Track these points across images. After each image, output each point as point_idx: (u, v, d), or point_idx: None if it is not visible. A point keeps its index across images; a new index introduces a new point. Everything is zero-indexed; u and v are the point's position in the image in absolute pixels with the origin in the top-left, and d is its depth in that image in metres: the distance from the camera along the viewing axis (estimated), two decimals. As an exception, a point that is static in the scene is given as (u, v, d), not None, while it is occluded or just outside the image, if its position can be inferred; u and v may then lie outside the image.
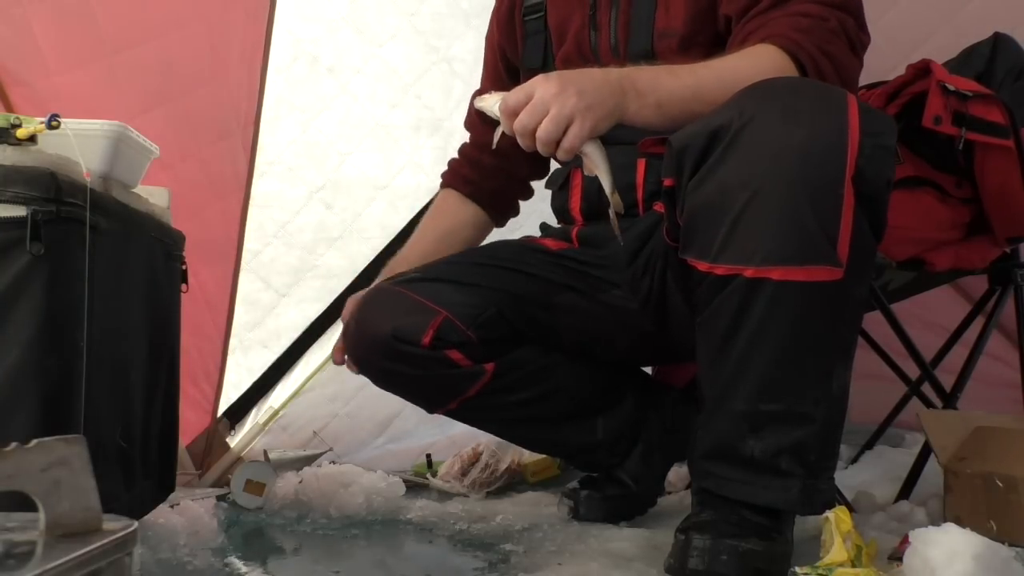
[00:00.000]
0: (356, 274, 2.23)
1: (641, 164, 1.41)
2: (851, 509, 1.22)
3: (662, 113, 1.15)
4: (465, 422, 1.65)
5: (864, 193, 1.09)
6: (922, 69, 1.54)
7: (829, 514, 1.10)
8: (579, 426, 1.58)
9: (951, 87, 1.45)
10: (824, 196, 1.06)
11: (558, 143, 1.10)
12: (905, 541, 1.10)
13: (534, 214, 1.78)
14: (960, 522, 1.11)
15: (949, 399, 1.61)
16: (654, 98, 1.14)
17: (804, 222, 1.05)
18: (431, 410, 1.58)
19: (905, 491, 1.56)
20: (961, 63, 1.65)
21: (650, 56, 1.37)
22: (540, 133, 1.09)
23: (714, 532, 1.11)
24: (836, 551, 1.07)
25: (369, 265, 2.23)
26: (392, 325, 1.42)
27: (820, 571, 1.05)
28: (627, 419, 1.60)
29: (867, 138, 1.07)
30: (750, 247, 1.07)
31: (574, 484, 1.70)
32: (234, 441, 2.08)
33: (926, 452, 1.54)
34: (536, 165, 1.68)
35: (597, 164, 1.14)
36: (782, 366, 1.11)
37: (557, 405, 1.54)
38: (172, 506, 1.59)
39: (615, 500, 1.61)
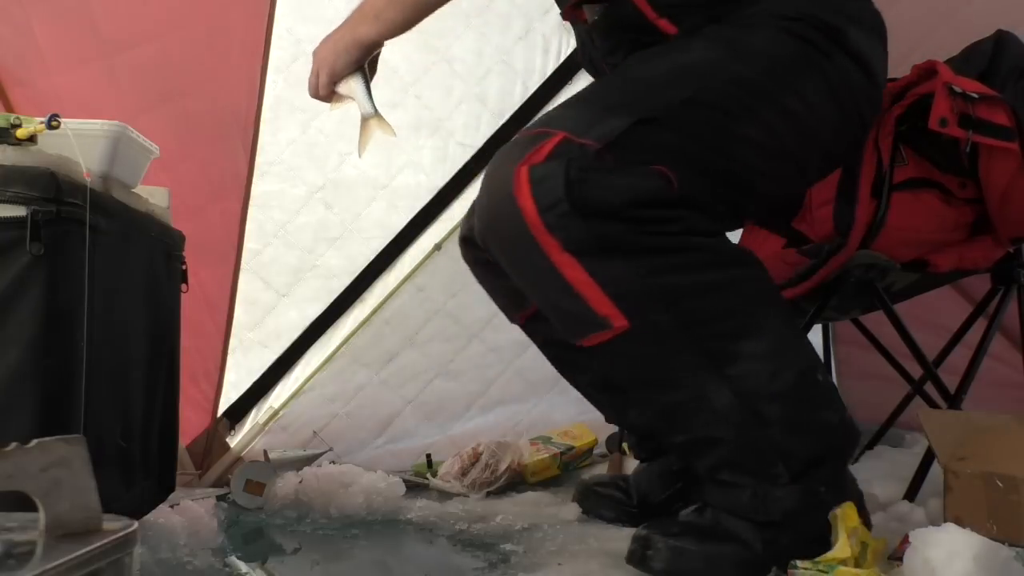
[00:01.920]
0: (356, 274, 2.23)
1: None
2: (862, 507, 1.20)
3: (383, 19, 1.29)
4: None
5: (579, 248, 1.08)
6: (928, 70, 1.54)
7: (836, 510, 1.11)
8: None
9: (957, 89, 1.45)
10: (547, 278, 1.10)
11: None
12: (905, 541, 1.10)
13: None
14: (960, 522, 1.11)
15: (953, 400, 1.61)
16: (372, 13, 1.30)
17: (559, 306, 1.14)
18: None
19: (911, 492, 1.56)
20: (963, 61, 1.64)
21: None
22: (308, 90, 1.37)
23: (661, 531, 1.19)
24: (840, 547, 1.07)
25: (369, 265, 2.23)
26: None
27: (820, 567, 1.05)
28: None
29: (540, 203, 1.07)
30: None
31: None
32: (234, 441, 2.08)
33: (930, 452, 1.54)
34: None
35: (354, 96, 1.31)
36: (654, 408, 1.21)
37: None
38: (172, 506, 1.59)
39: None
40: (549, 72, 2.29)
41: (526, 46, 2.25)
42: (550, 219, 1.06)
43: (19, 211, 1.09)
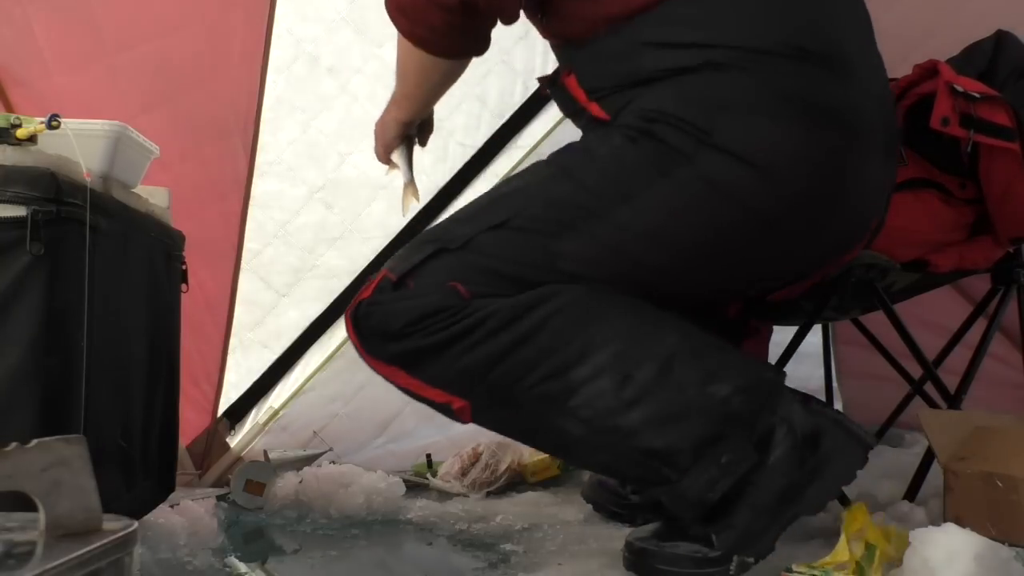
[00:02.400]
0: (356, 274, 2.23)
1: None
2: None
3: (408, 97, 1.43)
4: None
5: (398, 361, 1.19)
6: (929, 70, 1.54)
7: (843, 512, 1.11)
8: None
9: (959, 88, 1.45)
10: (395, 386, 1.23)
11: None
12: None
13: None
14: (960, 522, 1.11)
15: (954, 401, 1.61)
16: (399, 95, 1.44)
17: (421, 401, 1.24)
18: None
19: (911, 492, 1.56)
20: (963, 61, 1.64)
21: None
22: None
23: (637, 535, 1.26)
24: (839, 550, 1.07)
25: (369, 265, 2.23)
26: None
27: (815, 571, 1.05)
28: None
29: (358, 334, 1.22)
30: None
31: None
32: (234, 441, 2.08)
33: (930, 452, 1.54)
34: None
35: (399, 165, 1.51)
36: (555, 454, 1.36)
37: None
38: (172, 506, 1.59)
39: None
40: (548, 73, 2.29)
41: (526, 47, 2.25)
42: (366, 346, 1.21)
43: (19, 211, 1.09)
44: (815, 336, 2.15)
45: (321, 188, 2.20)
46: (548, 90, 1.40)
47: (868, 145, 1.21)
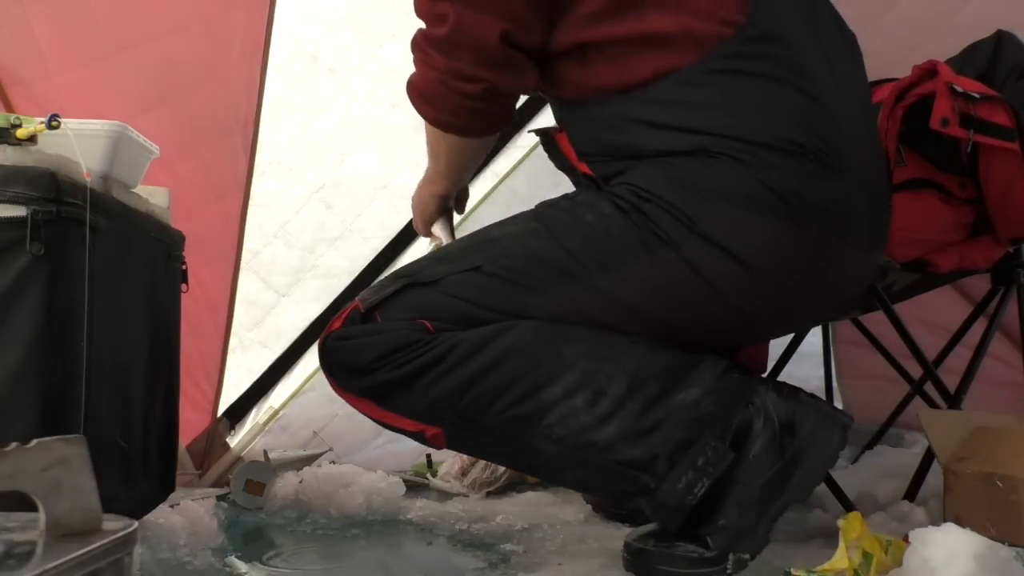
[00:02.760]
0: (356, 274, 2.23)
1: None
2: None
3: (443, 175, 1.44)
4: None
5: (367, 394, 1.21)
6: (929, 70, 1.54)
7: (840, 520, 1.11)
8: None
9: (959, 89, 1.45)
10: (368, 418, 1.25)
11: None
12: (905, 541, 1.10)
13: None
14: (960, 522, 1.11)
15: (953, 400, 1.61)
16: (432, 174, 1.45)
17: (397, 432, 1.25)
18: None
19: (911, 492, 1.56)
20: (963, 61, 1.64)
21: None
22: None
23: (637, 535, 1.26)
24: (838, 557, 1.07)
25: (369, 265, 2.23)
26: None
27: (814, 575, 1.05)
28: None
29: (327, 368, 1.27)
30: None
31: None
32: (234, 441, 2.08)
33: (930, 452, 1.54)
34: None
35: (440, 237, 1.50)
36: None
37: None
38: (172, 506, 1.59)
39: None
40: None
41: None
42: (337, 380, 1.25)
43: (19, 211, 1.08)
44: (815, 336, 2.16)
45: (321, 188, 2.21)
46: (542, 144, 1.43)
47: (856, 239, 1.21)
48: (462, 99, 1.22)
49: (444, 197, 1.48)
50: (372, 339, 1.18)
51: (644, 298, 1.18)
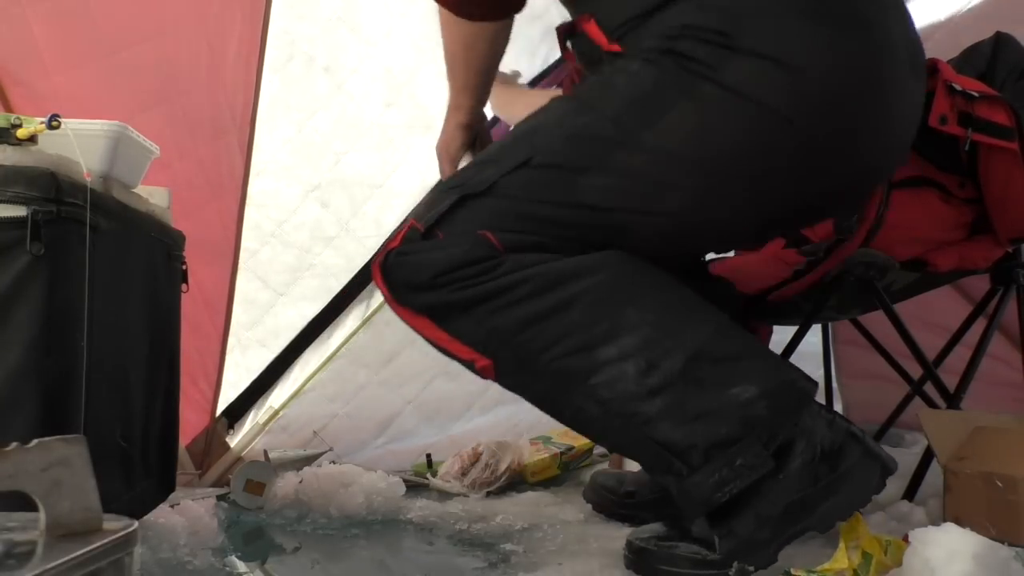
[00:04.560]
0: (353, 273, 2.23)
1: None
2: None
3: (462, 88, 1.44)
4: None
5: (427, 313, 1.18)
6: (928, 68, 1.54)
7: (841, 523, 1.11)
8: None
9: (958, 87, 1.45)
10: (423, 337, 1.22)
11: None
12: (905, 541, 1.10)
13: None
14: (960, 522, 1.11)
15: (953, 400, 1.61)
16: (452, 101, 1.45)
17: (446, 355, 1.22)
18: None
19: (910, 491, 1.56)
20: (962, 62, 1.64)
21: None
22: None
23: (639, 534, 1.29)
24: (838, 558, 1.08)
25: (367, 264, 2.23)
26: None
27: None
28: None
29: (388, 284, 1.21)
30: None
31: None
32: (234, 441, 2.08)
33: (930, 452, 1.54)
34: None
35: None
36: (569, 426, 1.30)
37: None
38: (172, 506, 1.59)
39: None
40: (536, 75, 2.30)
41: (514, 50, 2.24)
42: (396, 295, 1.20)
43: (19, 211, 1.08)
44: (815, 336, 2.15)
45: (317, 187, 2.21)
46: (568, 42, 1.36)
47: (896, 56, 1.18)
48: None
49: (468, 126, 1.47)
50: (434, 255, 1.15)
51: (694, 145, 1.13)
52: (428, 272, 1.15)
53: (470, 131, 1.47)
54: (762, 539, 1.13)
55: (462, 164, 1.47)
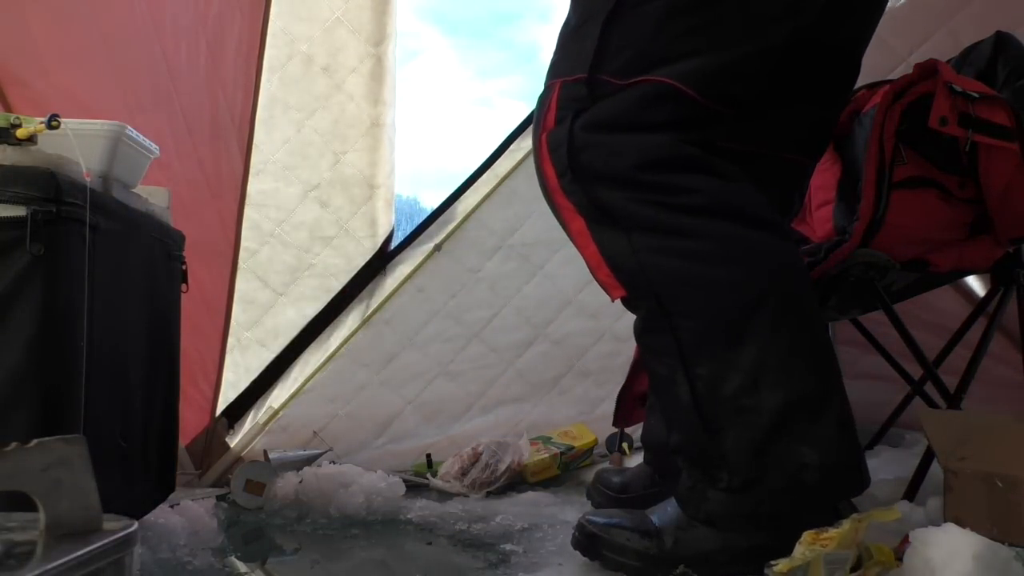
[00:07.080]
0: (352, 273, 2.23)
1: None
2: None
3: None
4: None
5: (586, 213, 1.13)
6: (929, 69, 1.54)
7: (842, 521, 1.11)
8: None
9: (958, 88, 1.45)
10: (571, 237, 1.16)
11: None
12: (905, 541, 1.10)
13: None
14: (960, 522, 1.11)
15: (953, 400, 1.61)
16: None
17: (587, 262, 1.17)
18: None
19: (910, 491, 1.56)
20: (962, 62, 1.64)
21: None
22: None
23: (593, 518, 1.29)
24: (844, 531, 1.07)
25: (366, 265, 2.23)
26: None
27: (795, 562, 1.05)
28: None
29: (557, 169, 1.13)
30: None
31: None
32: (234, 441, 2.08)
33: (930, 452, 1.54)
34: None
35: None
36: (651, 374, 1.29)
37: None
38: (172, 506, 1.59)
39: None
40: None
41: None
42: (564, 185, 1.12)
43: (19, 211, 1.08)
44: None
45: (316, 187, 2.21)
46: None
47: None
48: None
49: None
50: (634, 139, 1.08)
51: None
52: (626, 162, 1.08)
53: None
54: (719, 560, 1.15)
55: None
